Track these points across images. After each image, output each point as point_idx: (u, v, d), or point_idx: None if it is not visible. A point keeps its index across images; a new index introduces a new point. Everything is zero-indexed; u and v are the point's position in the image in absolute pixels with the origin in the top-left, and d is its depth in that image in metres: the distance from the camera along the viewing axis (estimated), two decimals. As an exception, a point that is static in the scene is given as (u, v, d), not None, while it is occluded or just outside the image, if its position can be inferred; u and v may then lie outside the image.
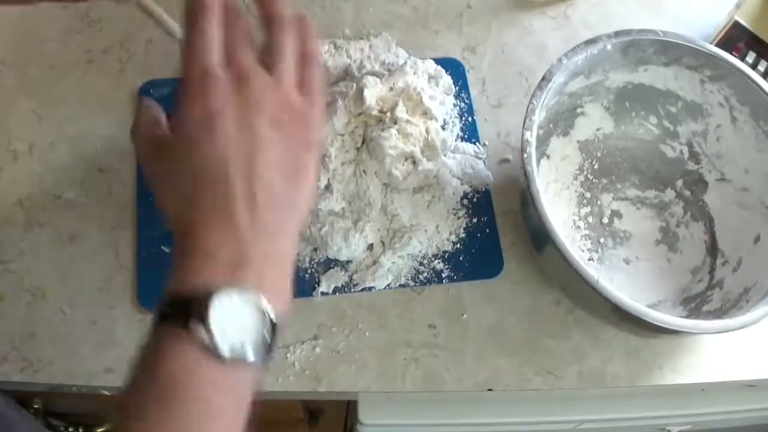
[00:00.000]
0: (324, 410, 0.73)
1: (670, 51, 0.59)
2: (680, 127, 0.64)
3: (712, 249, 0.62)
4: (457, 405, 0.65)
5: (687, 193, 0.65)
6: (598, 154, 0.66)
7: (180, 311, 0.36)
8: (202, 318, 0.35)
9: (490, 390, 0.57)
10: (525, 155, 0.53)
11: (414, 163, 0.59)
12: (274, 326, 0.37)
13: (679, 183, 0.65)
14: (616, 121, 0.65)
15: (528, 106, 0.54)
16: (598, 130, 0.65)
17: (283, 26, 0.44)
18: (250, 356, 0.36)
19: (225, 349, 0.35)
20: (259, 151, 0.40)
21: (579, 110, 0.64)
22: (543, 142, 0.62)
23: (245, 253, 0.38)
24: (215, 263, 0.37)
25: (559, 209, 0.63)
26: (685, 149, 0.65)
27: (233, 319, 0.36)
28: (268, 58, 0.43)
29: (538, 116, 0.54)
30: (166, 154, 0.41)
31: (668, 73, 0.61)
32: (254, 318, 0.36)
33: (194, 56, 0.41)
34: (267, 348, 0.37)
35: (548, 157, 0.64)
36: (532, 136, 0.53)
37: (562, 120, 0.63)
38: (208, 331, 0.35)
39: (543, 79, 0.55)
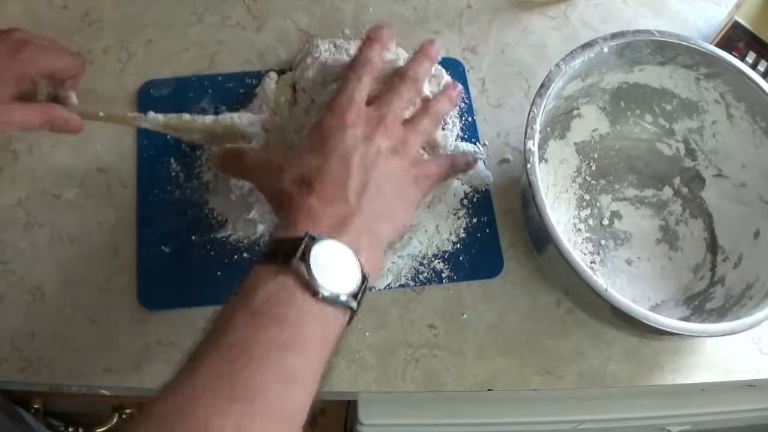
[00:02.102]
0: (324, 410, 0.73)
1: (666, 50, 0.59)
2: (676, 124, 0.64)
3: (712, 246, 0.63)
4: (457, 405, 0.65)
5: (685, 190, 0.65)
6: (595, 156, 0.66)
7: (284, 251, 0.41)
8: (304, 257, 0.41)
9: (490, 390, 0.57)
10: (528, 165, 0.53)
11: None
12: (364, 278, 0.43)
13: (677, 181, 0.65)
14: (611, 122, 0.65)
15: (528, 114, 0.54)
16: (594, 131, 0.65)
17: (432, 115, 0.55)
18: (342, 297, 0.41)
19: (321, 286, 0.40)
20: (378, 160, 0.49)
21: (575, 112, 0.64)
22: (540, 146, 0.62)
23: (346, 221, 0.45)
24: (322, 220, 0.44)
25: (560, 212, 0.63)
26: (682, 147, 0.65)
27: (330, 264, 0.41)
28: (408, 122, 0.54)
29: (539, 124, 0.54)
30: (294, 150, 0.52)
31: (663, 72, 0.61)
32: (347, 266, 0.42)
33: (345, 89, 0.52)
34: (355, 295, 0.42)
35: (546, 161, 0.64)
36: (534, 145, 0.53)
37: (559, 123, 0.63)
38: (308, 268, 0.40)
39: (542, 86, 0.55)
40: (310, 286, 0.41)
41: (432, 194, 0.61)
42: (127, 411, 0.68)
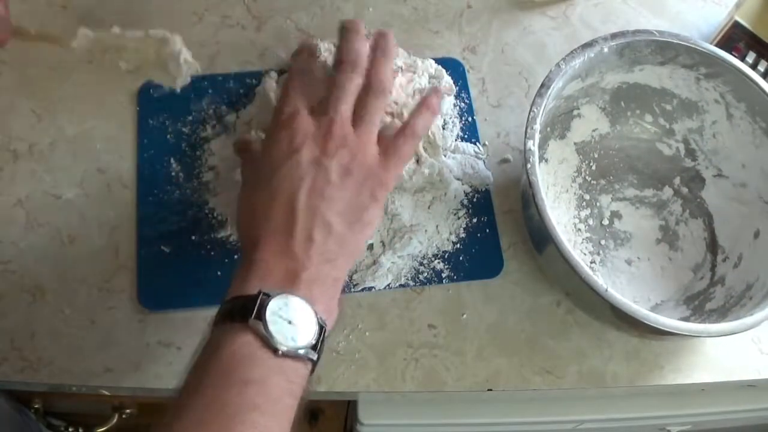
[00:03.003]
0: (324, 410, 0.73)
1: (666, 50, 0.59)
2: (676, 124, 0.64)
3: (712, 246, 0.63)
4: (457, 405, 0.65)
5: (685, 190, 0.65)
6: (595, 155, 0.66)
7: (240, 310, 0.42)
8: (260, 315, 0.41)
9: (490, 390, 0.57)
10: (528, 165, 0.53)
11: (417, 162, 0.59)
12: (321, 329, 0.43)
13: (677, 181, 0.65)
14: (611, 122, 0.65)
15: (529, 114, 0.54)
16: (594, 131, 0.65)
17: (378, 93, 0.50)
18: (301, 351, 0.42)
19: (279, 342, 0.41)
20: (325, 190, 0.46)
21: (575, 112, 0.64)
22: (541, 145, 0.62)
23: (295, 275, 0.44)
24: (272, 276, 0.44)
25: (560, 212, 0.63)
26: (682, 147, 0.65)
27: (286, 318, 0.42)
28: (358, 116, 0.49)
29: (539, 124, 0.54)
30: (253, 173, 0.50)
31: (663, 72, 0.61)
32: (304, 318, 0.43)
33: (290, 98, 0.49)
34: (314, 347, 0.43)
35: (546, 160, 0.64)
36: (534, 145, 0.53)
37: (559, 123, 0.63)
38: (265, 326, 0.41)
39: (542, 86, 0.55)
40: (269, 344, 0.41)
41: (432, 195, 0.61)
42: (127, 411, 0.68)
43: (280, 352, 0.41)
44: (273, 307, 0.42)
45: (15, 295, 0.57)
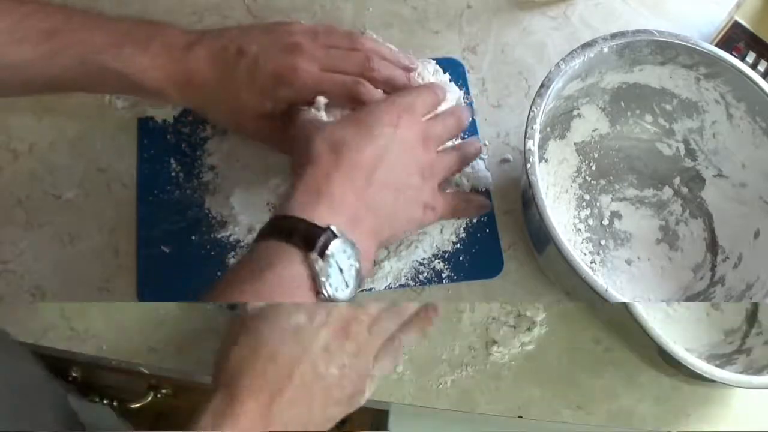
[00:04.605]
0: (352, 416, 0.73)
1: (666, 51, 0.59)
2: (676, 124, 0.64)
3: (712, 246, 0.63)
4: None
5: (685, 190, 0.65)
6: (595, 155, 0.66)
7: (303, 237, 0.43)
8: (323, 253, 0.42)
9: (519, 416, 0.57)
10: (528, 165, 0.53)
11: None
12: (358, 285, 0.45)
13: (677, 181, 0.65)
14: (611, 122, 0.65)
15: (528, 114, 0.54)
16: (594, 131, 0.65)
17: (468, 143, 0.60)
18: (340, 298, 0.43)
19: (327, 287, 0.42)
20: (405, 161, 0.50)
21: (575, 112, 0.64)
22: (540, 146, 0.62)
23: (360, 220, 0.46)
24: (339, 215, 0.45)
25: (560, 212, 0.63)
26: (682, 147, 0.65)
27: (337, 264, 0.43)
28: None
29: (539, 124, 0.54)
30: (353, 119, 0.51)
31: (663, 72, 0.61)
32: (351, 273, 0.44)
33: (410, 95, 0.54)
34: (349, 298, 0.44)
35: (546, 161, 0.64)
36: (534, 145, 0.53)
37: (559, 123, 0.63)
38: (324, 266, 0.42)
39: (542, 86, 0.55)
40: (317, 283, 0.42)
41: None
42: (163, 391, 0.68)
43: (320, 295, 0.43)
44: (333, 248, 0.43)
45: (15, 295, 0.57)
